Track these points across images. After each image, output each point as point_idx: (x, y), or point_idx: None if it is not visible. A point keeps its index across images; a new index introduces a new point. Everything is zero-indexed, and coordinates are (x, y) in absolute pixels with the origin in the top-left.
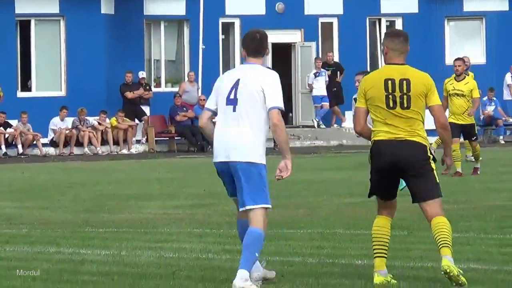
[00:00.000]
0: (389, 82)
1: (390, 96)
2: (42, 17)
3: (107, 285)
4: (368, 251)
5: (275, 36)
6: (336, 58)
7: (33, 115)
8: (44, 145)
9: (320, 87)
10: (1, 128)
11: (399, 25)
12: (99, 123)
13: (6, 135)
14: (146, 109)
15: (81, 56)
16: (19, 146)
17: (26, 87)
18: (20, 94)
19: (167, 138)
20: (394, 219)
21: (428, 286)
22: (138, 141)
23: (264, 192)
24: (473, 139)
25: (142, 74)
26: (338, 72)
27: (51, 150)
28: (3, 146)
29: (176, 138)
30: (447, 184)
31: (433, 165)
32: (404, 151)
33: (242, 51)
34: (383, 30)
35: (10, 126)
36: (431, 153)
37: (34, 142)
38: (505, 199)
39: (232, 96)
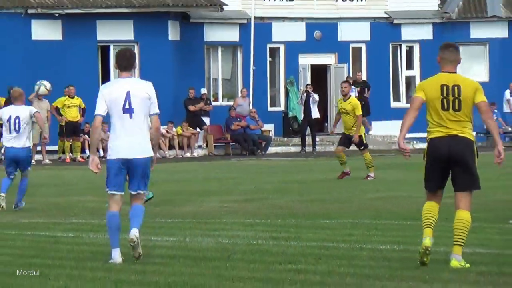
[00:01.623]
0: (444, 87)
1: (445, 100)
2: (119, 43)
3: (174, 267)
4: (390, 238)
5: (313, 59)
6: (364, 77)
7: None
8: None
9: None
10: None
11: (416, 49)
12: (167, 131)
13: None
14: (206, 120)
15: (152, 75)
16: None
17: None
18: None
19: (223, 144)
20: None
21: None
22: (199, 146)
23: None
24: (361, 148)
25: (203, 90)
26: (366, 89)
27: None
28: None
29: (231, 143)
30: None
31: (476, 159)
32: (456, 145)
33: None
34: (404, 53)
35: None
36: (476, 149)
37: None
38: (505, 195)
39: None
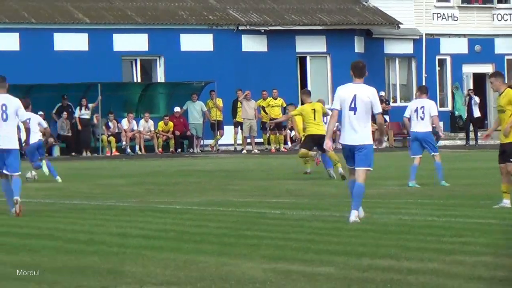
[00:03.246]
0: None
1: None
2: (314, 54)
3: (365, 238)
4: None
5: (474, 68)
6: None
7: None
8: None
9: None
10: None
11: None
12: None
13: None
14: (386, 117)
15: (342, 82)
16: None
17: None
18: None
19: (401, 138)
20: None
21: None
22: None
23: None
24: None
25: (382, 93)
26: None
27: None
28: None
29: (407, 137)
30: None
31: None
32: None
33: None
34: None
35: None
36: None
37: None
38: None
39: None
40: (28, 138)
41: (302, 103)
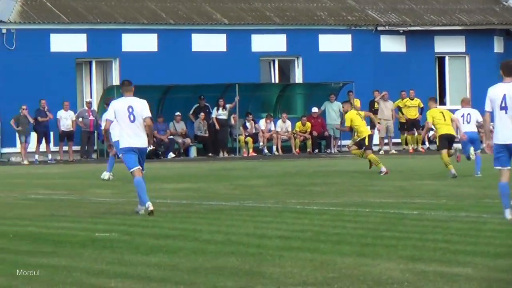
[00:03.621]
0: None
1: None
2: (453, 54)
3: (503, 238)
4: None
5: None
6: None
7: None
8: None
9: None
10: None
11: None
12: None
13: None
14: None
15: (481, 83)
16: None
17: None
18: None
19: None
20: None
21: None
22: None
23: None
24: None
25: None
26: None
27: None
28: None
29: None
30: None
31: None
32: None
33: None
34: None
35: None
36: None
37: None
38: None
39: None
40: (150, 138)
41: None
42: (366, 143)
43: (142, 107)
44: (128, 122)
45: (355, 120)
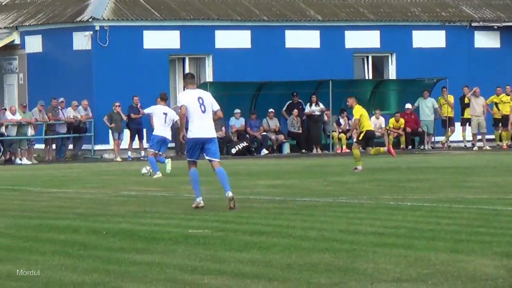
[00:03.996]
0: None
1: None
2: None
3: None
4: None
5: None
6: None
7: None
8: None
9: None
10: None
11: None
12: None
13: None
14: None
15: None
16: None
17: None
18: None
19: None
20: None
21: None
22: None
23: None
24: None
25: None
26: None
27: None
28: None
29: None
30: None
31: None
32: None
33: None
34: None
35: None
36: None
37: None
38: None
39: None
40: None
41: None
42: (360, 137)
43: (210, 99)
44: (200, 113)
45: (363, 114)
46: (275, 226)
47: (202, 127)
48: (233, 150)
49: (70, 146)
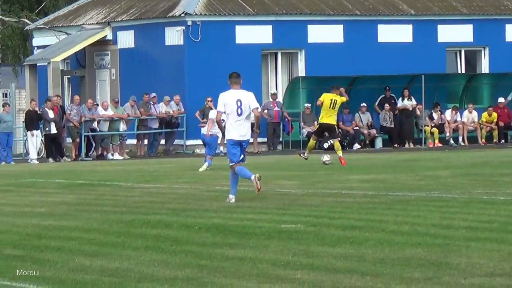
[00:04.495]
0: None
1: None
2: None
3: None
4: None
5: None
6: None
7: None
8: None
9: None
10: None
11: None
12: None
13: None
14: None
15: None
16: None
17: None
18: None
19: None
20: None
21: None
22: None
23: None
24: None
25: None
26: None
27: None
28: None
29: None
30: None
31: None
32: None
33: None
34: None
35: None
36: None
37: None
38: None
39: None
40: (257, 127)
41: None
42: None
43: (249, 100)
44: (235, 116)
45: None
46: (367, 220)
47: (238, 129)
48: (325, 145)
49: (162, 141)
